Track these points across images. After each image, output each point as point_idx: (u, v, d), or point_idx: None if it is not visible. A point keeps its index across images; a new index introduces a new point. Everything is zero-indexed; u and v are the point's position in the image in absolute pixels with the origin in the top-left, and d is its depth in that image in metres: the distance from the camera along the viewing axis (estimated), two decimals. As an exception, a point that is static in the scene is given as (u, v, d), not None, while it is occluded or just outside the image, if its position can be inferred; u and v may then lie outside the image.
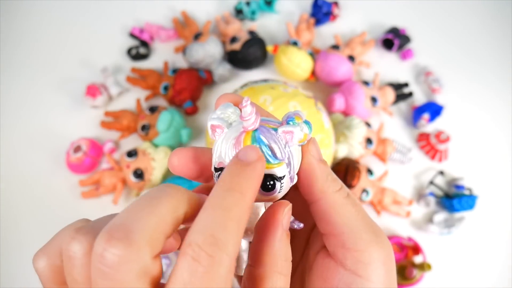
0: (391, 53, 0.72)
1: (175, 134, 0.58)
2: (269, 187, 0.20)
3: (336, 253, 0.21)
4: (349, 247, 0.21)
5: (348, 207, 0.21)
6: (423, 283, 0.54)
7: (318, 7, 0.71)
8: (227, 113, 0.21)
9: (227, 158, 0.20)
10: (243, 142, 0.19)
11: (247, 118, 0.19)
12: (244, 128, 0.20)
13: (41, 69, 0.68)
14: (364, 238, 0.21)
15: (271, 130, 0.20)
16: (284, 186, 0.20)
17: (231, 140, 0.20)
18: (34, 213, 0.58)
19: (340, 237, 0.21)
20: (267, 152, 0.19)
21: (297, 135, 0.20)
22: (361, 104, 0.60)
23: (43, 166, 0.61)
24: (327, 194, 0.21)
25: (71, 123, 0.64)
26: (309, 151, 0.21)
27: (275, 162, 0.19)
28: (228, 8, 0.74)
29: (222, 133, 0.20)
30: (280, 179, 0.20)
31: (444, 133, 0.62)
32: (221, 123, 0.20)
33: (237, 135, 0.20)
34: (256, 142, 0.19)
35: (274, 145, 0.20)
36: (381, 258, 0.20)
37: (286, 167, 0.20)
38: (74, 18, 0.73)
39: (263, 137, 0.20)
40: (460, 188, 0.60)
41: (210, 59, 0.63)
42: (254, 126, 0.19)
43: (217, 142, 0.20)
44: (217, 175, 0.20)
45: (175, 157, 0.22)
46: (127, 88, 0.66)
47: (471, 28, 0.76)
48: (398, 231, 0.58)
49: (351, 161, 0.57)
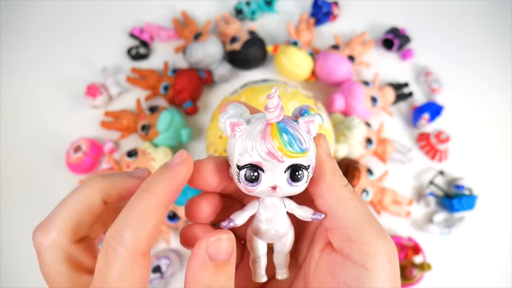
0: (391, 53, 0.72)
1: (175, 134, 0.58)
2: (298, 178, 0.20)
3: (342, 247, 0.21)
4: (355, 240, 0.21)
5: (354, 201, 0.22)
6: (423, 283, 0.54)
7: (318, 7, 0.71)
8: (239, 111, 0.21)
9: (255, 152, 0.19)
10: (271, 135, 0.19)
11: (272, 109, 0.19)
12: (268, 121, 0.19)
13: (41, 69, 0.69)
14: (370, 231, 0.21)
15: (293, 121, 0.20)
16: (309, 177, 0.21)
17: (256, 134, 0.19)
18: (34, 213, 0.58)
19: (346, 231, 0.21)
20: (295, 142, 0.19)
21: (317, 123, 0.20)
22: (361, 104, 0.60)
23: (43, 166, 0.61)
24: (334, 188, 0.21)
25: (71, 123, 0.64)
26: (320, 145, 0.22)
27: (301, 152, 0.19)
28: (228, 8, 0.74)
29: (241, 131, 0.20)
30: (306, 168, 0.20)
31: (444, 133, 0.62)
32: (240, 120, 0.20)
33: (262, 128, 0.19)
34: (284, 133, 0.19)
35: (299, 135, 0.19)
36: (386, 251, 0.21)
37: (310, 156, 0.20)
38: (74, 18, 0.73)
39: (289, 127, 0.19)
40: (460, 188, 0.60)
41: (210, 59, 0.63)
42: (279, 118, 0.19)
43: (238, 139, 0.20)
44: (243, 173, 0.20)
45: (195, 170, 0.21)
46: (127, 88, 0.66)
47: (471, 28, 0.76)
48: (398, 231, 0.58)
49: (351, 161, 0.57)
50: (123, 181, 0.21)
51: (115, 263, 0.17)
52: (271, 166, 0.20)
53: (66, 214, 0.20)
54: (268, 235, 0.23)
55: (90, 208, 0.20)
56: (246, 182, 0.20)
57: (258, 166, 0.20)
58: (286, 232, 0.23)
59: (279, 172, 0.20)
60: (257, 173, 0.20)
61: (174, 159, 0.20)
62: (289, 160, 0.19)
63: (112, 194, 0.21)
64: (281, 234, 0.23)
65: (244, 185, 0.20)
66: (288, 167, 0.20)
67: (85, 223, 0.20)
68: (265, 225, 0.22)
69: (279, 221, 0.22)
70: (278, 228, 0.22)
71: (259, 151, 0.19)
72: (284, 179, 0.20)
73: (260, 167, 0.20)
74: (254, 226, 0.23)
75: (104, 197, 0.21)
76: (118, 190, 0.21)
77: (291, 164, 0.20)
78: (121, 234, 0.17)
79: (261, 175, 0.20)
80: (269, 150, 0.19)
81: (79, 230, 0.20)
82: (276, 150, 0.19)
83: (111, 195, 0.21)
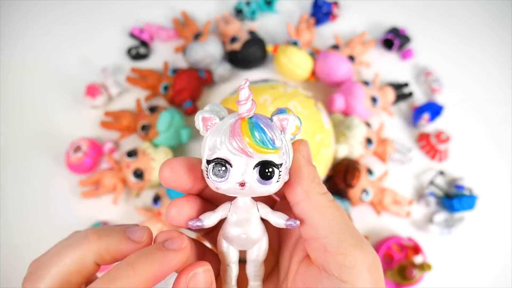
0: (391, 53, 0.72)
1: (175, 134, 0.58)
2: (267, 175, 0.19)
3: (318, 258, 0.20)
4: (331, 250, 0.20)
5: (332, 209, 0.21)
6: (423, 283, 0.54)
7: (318, 7, 0.71)
8: (216, 109, 0.20)
9: (223, 147, 0.19)
10: (241, 129, 0.19)
11: (243, 102, 0.18)
12: (240, 115, 0.19)
13: (41, 69, 0.68)
14: (348, 241, 0.20)
15: (267, 118, 0.20)
16: (281, 177, 0.20)
17: (226, 128, 0.19)
18: (34, 213, 0.58)
19: (322, 240, 0.20)
20: (265, 137, 0.19)
21: (291, 122, 0.19)
22: (361, 104, 0.60)
23: (43, 166, 0.61)
24: (311, 195, 0.20)
25: (71, 123, 0.64)
26: (299, 151, 0.21)
27: (273, 148, 0.19)
28: (228, 8, 0.74)
29: (213, 126, 0.20)
30: (278, 166, 0.19)
31: (444, 133, 0.62)
32: (213, 115, 0.20)
33: (233, 122, 0.19)
34: (254, 128, 0.19)
35: (271, 131, 0.19)
36: (366, 262, 0.19)
37: (283, 155, 0.20)
38: (74, 18, 0.73)
39: (261, 123, 0.19)
40: (460, 188, 0.60)
41: (210, 59, 0.63)
42: (250, 112, 0.19)
43: (209, 134, 0.20)
44: (211, 167, 0.19)
45: (167, 168, 0.21)
46: (127, 88, 0.66)
47: (471, 28, 0.76)
48: (398, 231, 0.58)
49: (351, 161, 0.57)
50: (118, 244, 0.20)
51: None
52: (240, 162, 0.19)
53: (57, 273, 0.19)
54: (238, 240, 0.22)
55: (81, 269, 0.19)
56: (213, 177, 0.19)
57: (226, 160, 0.19)
58: (258, 238, 0.22)
59: (248, 168, 0.19)
60: (225, 168, 0.19)
61: (173, 243, 0.19)
62: (258, 156, 0.19)
63: (106, 258, 0.20)
64: (253, 240, 0.22)
65: (212, 180, 0.20)
66: (258, 164, 0.19)
67: (73, 283, 0.19)
68: (236, 229, 0.21)
69: (251, 225, 0.21)
70: (250, 233, 0.21)
71: (227, 145, 0.19)
72: (253, 176, 0.19)
73: (229, 162, 0.19)
74: (224, 229, 0.22)
75: (97, 260, 0.20)
76: (112, 254, 0.20)
77: (261, 160, 0.19)
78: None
79: (229, 170, 0.19)
80: (238, 144, 0.18)
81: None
82: (245, 144, 0.18)
83: (105, 258, 0.20)
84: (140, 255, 0.18)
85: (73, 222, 0.56)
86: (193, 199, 0.22)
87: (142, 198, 0.59)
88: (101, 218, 0.57)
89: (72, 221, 0.57)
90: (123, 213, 0.58)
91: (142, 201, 0.59)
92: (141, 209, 0.56)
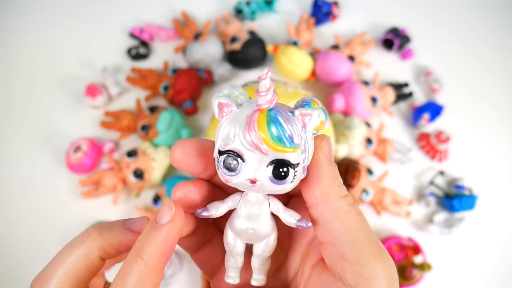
0: (391, 53, 0.72)
1: (175, 134, 0.58)
2: (281, 175, 0.18)
3: (335, 266, 0.19)
4: (349, 259, 0.18)
5: (352, 215, 0.19)
6: (423, 283, 0.54)
7: (318, 7, 0.71)
8: (235, 93, 0.19)
9: (237, 139, 0.17)
10: (257, 122, 0.17)
11: (264, 93, 0.17)
12: (259, 106, 0.17)
13: (41, 69, 0.68)
14: (368, 251, 0.18)
15: (288, 112, 0.18)
16: (297, 176, 0.18)
17: (242, 119, 0.18)
18: (34, 213, 0.58)
19: (340, 247, 0.19)
20: (283, 134, 0.17)
21: (315, 118, 0.18)
22: (361, 104, 0.60)
23: (43, 166, 0.61)
24: (331, 198, 0.19)
25: (71, 123, 0.64)
26: (320, 148, 0.19)
27: (290, 146, 0.17)
28: (228, 8, 0.74)
29: (230, 113, 0.18)
30: (294, 166, 0.18)
31: (444, 133, 0.62)
32: (230, 101, 0.18)
33: (250, 113, 0.17)
34: (272, 122, 0.17)
35: (291, 127, 0.17)
36: (386, 275, 0.18)
37: (301, 154, 0.18)
38: (74, 18, 0.73)
39: (280, 117, 0.17)
40: (460, 188, 0.60)
41: (210, 59, 0.63)
42: (270, 104, 0.17)
43: (224, 122, 0.18)
44: (222, 159, 0.18)
45: (179, 148, 0.20)
46: (127, 88, 0.66)
47: (471, 28, 0.76)
48: (398, 231, 0.58)
49: (351, 161, 0.57)
50: (120, 236, 0.21)
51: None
52: (253, 157, 0.17)
53: (64, 273, 0.19)
54: (245, 234, 0.20)
55: (87, 266, 0.20)
56: (224, 170, 0.18)
57: (239, 154, 0.18)
58: (266, 234, 0.21)
59: (261, 166, 0.18)
60: (237, 162, 0.18)
61: (162, 216, 0.19)
62: (273, 154, 0.17)
63: (110, 251, 0.21)
64: (261, 236, 0.21)
65: (222, 172, 0.18)
66: (272, 162, 0.18)
67: (82, 280, 0.20)
68: (244, 223, 0.20)
69: (261, 220, 0.20)
70: (258, 229, 0.20)
71: (241, 139, 0.17)
72: (266, 174, 0.18)
73: (241, 156, 0.18)
74: (232, 221, 0.21)
75: (102, 254, 0.20)
76: (115, 247, 0.21)
77: (275, 158, 0.17)
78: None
79: (240, 165, 0.18)
80: (252, 139, 0.17)
81: (77, 287, 0.20)
82: (260, 140, 0.17)
83: (109, 252, 0.21)
84: (142, 242, 0.18)
85: (73, 222, 0.56)
86: (200, 185, 0.21)
87: (142, 198, 0.59)
88: (101, 218, 0.57)
89: (72, 221, 0.57)
90: (123, 213, 0.58)
91: (142, 201, 0.59)
92: (141, 209, 0.56)
